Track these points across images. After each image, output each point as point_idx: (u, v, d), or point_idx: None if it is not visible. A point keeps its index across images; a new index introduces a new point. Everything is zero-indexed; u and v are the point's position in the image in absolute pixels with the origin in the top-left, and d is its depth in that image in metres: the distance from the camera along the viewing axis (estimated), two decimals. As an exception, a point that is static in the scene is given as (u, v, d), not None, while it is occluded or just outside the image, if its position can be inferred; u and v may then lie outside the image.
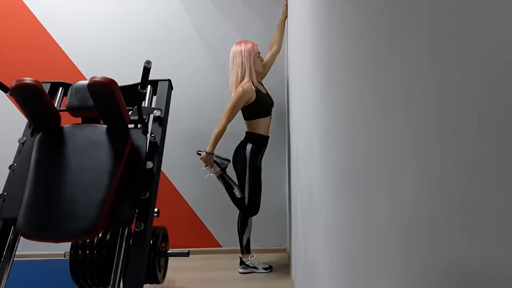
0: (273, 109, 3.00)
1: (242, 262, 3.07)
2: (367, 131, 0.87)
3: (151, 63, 1.92)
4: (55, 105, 2.29)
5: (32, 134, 2.09)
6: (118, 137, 1.98)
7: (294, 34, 2.49)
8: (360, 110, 0.91)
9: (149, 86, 2.39)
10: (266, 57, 3.00)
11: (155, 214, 2.01)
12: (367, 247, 0.89)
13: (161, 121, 2.21)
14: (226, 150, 2.95)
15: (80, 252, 2.29)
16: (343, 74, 1.09)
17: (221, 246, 3.49)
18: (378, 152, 0.80)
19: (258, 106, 2.84)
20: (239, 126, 2.95)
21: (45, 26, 3.27)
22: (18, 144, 2.08)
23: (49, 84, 2.34)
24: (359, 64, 0.91)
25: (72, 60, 3.30)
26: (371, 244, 0.86)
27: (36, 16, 3.26)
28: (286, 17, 3.01)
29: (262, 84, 2.97)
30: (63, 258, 2.37)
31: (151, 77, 2.13)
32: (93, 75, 1.85)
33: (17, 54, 3.29)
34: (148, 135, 2.11)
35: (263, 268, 3.05)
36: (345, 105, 1.07)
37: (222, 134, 2.80)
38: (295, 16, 2.37)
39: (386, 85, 0.74)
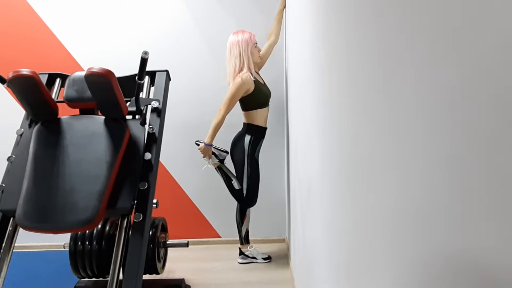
0: (272, 100, 2.99)
1: (241, 253, 3.08)
2: (367, 123, 0.87)
3: (148, 53, 1.91)
4: (53, 96, 2.28)
5: (30, 126, 2.08)
6: (116, 128, 1.98)
7: (293, 24, 2.47)
8: (361, 102, 0.91)
9: (146, 77, 2.37)
10: (263, 47, 2.98)
11: (154, 205, 2.01)
12: (365, 238, 0.89)
13: (159, 112, 2.20)
14: (224, 141, 2.94)
15: (79, 243, 2.30)
16: (342, 64, 1.08)
17: (220, 237, 3.50)
18: (378, 145, 0.80)
19: (256, 97, 2.82)
20: (238, 117, 2.95)
21: (42, 18, 3.25)
22: (16, 135, 2.08)
23: (46, 75, 2.32)
24: (359, 53, 0.91)
25: (70, 51, 3.29)
26: (369, 235, 0.86)
27: (34, 8, 3.24)
28: (285, 6, 2.98)
29: (259, 75, 2.96)
30: (63, 249, 2.38)
31: (149, 68, 2.12)
32: (90, 66, 1.84)
33: (15, 45, 3.27)
34: (146, 126, 2.11)
35: (262, 258, 3.07)
36: (345, 96, 1.07)
37: (221, 125, 2.79)
38: (294, 5, 2.36)
39: (389, 75, 0.74)
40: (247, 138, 2.88)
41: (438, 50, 0.53)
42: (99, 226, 2.36)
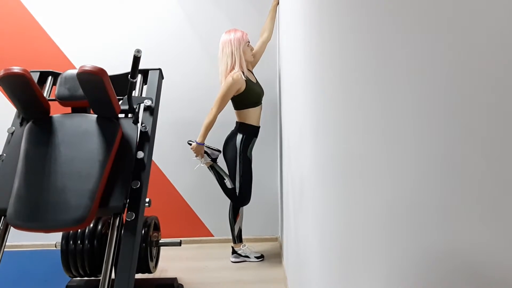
0: (265, 99, 2.98)
1: (234, 251, 3.09)
2: (360, 122, 0.87)
3: (141, 51, 1.91)
4: (45, 95, 2.26)
5: (21, 124, 2.06)
6: (109, 127, 1.97)
7: (286, 21, 2.47)
8: (353, 100, 0.91)
9: (139, 75, 2.36)
10: (256, 44, 2.97)
11: (147, 204, 2.01)
12: (358, 236, 0.89)
13: (152, 111, 2.20)
14: (217, 140, 2.94)
15: (71, 242, 2.29)
16: (334, 62, 1.09)
17: (213, 236, 3.50)
18: (371, 143, 0.80)
19: (248, 96, 2.82)
20: (231, 116, 2.94)
21: (33, 15, 3.22)
22: (7, 134, 2.06)
23: (38, 73, 2.31)
24: (353, 51, 0.91)
25: (61, 49, 3.26)
26: (362, 233, 0.86)
27: (25, 6, 3.21)
28: (278, 3, 2.97)
29: (252, 73, 2.95)
30: (54, 248, 2.37)
31: (142, 66, 2.11)
32: (82, 64, 1.83)
33: (6, 43, 3.24)
34: (139, 124, 2.10)
35: (255, 257, 3.07)
36: (337, 94, 1.07)
37: (213, 124, 2.79)
38: (287, 2, 2.36)
39: (382, 74, 0.74)
40: (239, 137, 2.88)
41: (433, 49, 0.53)
42: (91, 225, 2.35)
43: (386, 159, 0.70)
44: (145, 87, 2.38)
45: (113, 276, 1.73)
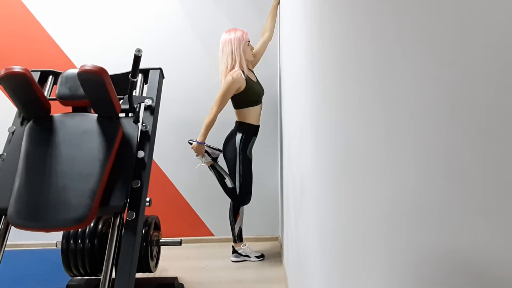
0: (265, 98, 2.98)
1: (234, 251, 3.09)
2: (360, 122, 0.87)
3: (142, 51, 1.91)
4: (45, 94, 2.26)
5: (22, 123, 2.07)
6: (109, 126, 1.97)
7: (286, 21, 2.47)
8: (354, 99, 0.91)
9: (140, 75, 2.37)
10: (257, 44, 2.97)
11: (147, 203, 2.01)
12: (358, 236, 0.89)
13: (153, 110, 2.20)
14: (217, 140, 2.94)
15: (72, 241, 2.29)
16: (335, 62, 1.09)
17: (213, 235, 3.50)
18: (371, 143, 0.80)
19: (247, 95, 2.81)
20: (230, 116, 2.94)
21: (34, 14, 3.22)
22: (7, 133, 2.06)
23: (38, 73, 2.31)
24: (353, 50, 0.91)
25: (62, 49, 3.26)
26: (362, 233, 0.86)
27: (26, 5, 3.21)
28: (279, 2, 2.97)
29: (253, 72, 2.94)
30: (55, 247, 2.37)
31: (143, 65, 2.11)
32: (83, 64, 1.83)
33: (7, 42, 3.24)
34: (139, 124, 2.10)
35: (255, 256, 3.07)
36: (338, 93, 1.07)
37: (213, 124, 2.79)
38: (288, 1, 2.35)
39: (383, 73, 0.74)
40: (239, 136, 2.88)
41: (433, 49, 0.53)
42: (92, 224, 2.35)
43: (386, 159, 0.70)
44: (145, 86, 2.38)
45: (113, 275, 1.73)
